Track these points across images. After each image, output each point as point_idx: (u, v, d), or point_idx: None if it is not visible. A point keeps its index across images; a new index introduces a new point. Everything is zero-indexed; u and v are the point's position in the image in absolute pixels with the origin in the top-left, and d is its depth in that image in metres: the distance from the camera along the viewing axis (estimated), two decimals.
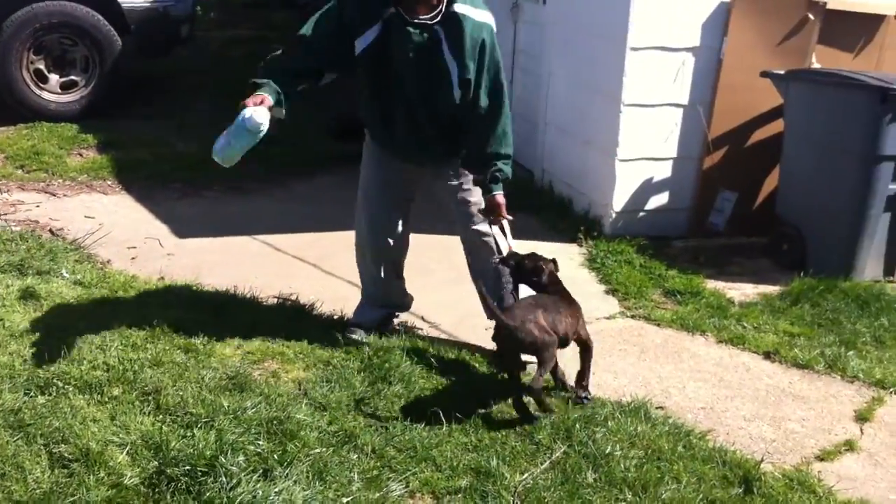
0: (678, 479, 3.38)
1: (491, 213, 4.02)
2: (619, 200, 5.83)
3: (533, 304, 3.79)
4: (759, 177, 5.98)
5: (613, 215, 5.84)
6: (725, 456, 3.57)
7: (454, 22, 3.75)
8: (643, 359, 4.44)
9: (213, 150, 3.88)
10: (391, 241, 4.26)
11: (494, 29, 3.86)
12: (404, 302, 4.51)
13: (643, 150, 5.81)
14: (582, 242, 5.76)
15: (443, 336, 4.48)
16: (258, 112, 3.72)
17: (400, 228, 4.28)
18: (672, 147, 5.86)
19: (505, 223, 4.06)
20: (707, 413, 4.00)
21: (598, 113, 5.95)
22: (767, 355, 4.55)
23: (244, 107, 3.76)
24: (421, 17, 3.76)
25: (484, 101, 3.87)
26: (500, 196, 3.99)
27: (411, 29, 3.77)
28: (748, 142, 5.91)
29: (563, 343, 3.78)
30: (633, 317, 4.88)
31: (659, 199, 5.92)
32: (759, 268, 5.61)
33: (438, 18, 3.75)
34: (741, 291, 5.28)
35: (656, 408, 3.91)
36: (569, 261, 5.58)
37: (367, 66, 3.87)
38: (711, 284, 5.30)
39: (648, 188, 5.88)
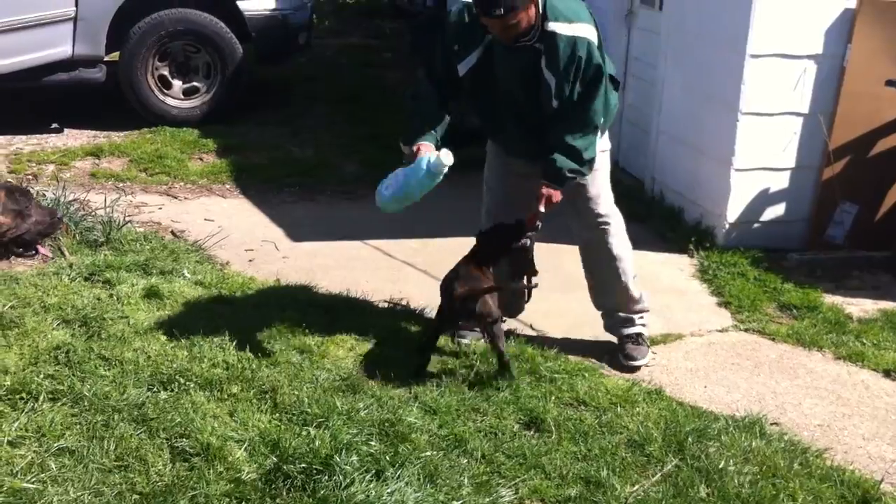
0: (794, 497, 3.30)
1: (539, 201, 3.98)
2: (734, 211, 5.72)
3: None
4: (882, 189, 5.78)
5: (727, 226, 5.73)
6: (843, 475, 3.48)
7: (549, 39, 3.80)
8: (757, 374, 4.35)
9: (381, 200, 4.05)
10: None
11: (592, 40, 3.83)
12: (514, 308, 4.50)
13: (760, 160, 5.68)
14: (693, 253, 5.66)
15: (551, 343, 4.46)
16: (443, 154, 3.85)
17: None
18: (790, 157, 5.72)
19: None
20: (824, 431, 3.90)
21: (713, 121, 5.85)
22: (888, 373, 4.40)
23: (415, 156, 3.96)
24: (520, 40, 3.83)
25: (573, 105, 3.89)
26: (549, 191, 3.95)
27: (511, 51, 3.86)
28: (871, 152, 5.72)
29: None
30: (746, 330, 4.78)
31: (775, 211, 5.79)
32: (879, 283, 5.42)
33: (536, 38, 3.82)
34: (860, 307, 5.11)
35: (771, 424, 3.83)
36: (679, 272, 5.51)
37: (470, 85, 4.01)
38: (829, 299, 5.15)
39: (764, 199, 5.75)
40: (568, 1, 3.90)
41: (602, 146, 4.15)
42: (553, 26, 3.79)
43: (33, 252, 3.30)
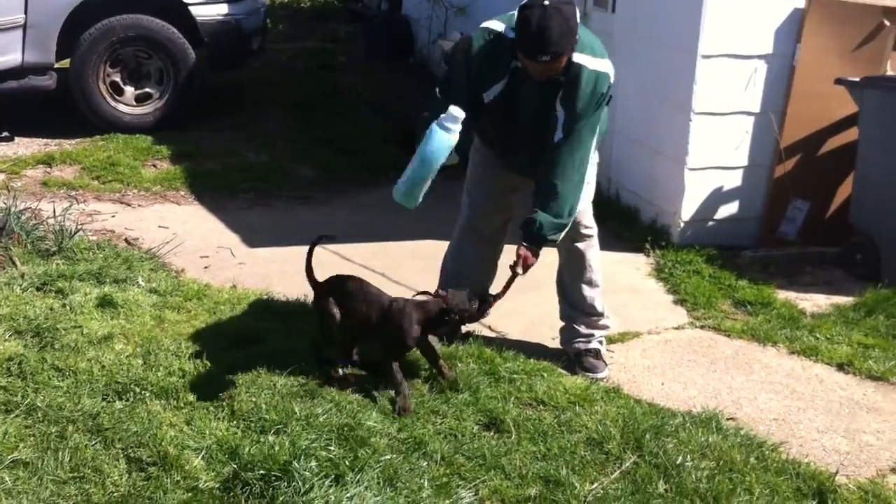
0: (751, 490, 3.34)
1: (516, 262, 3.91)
2: (688, 210, 5.78)
3: None
4: (833, 185, 5.88)
5: (682, 225, 5.79)
6: (799, 468, 3.53)
7: (574, 72, 3.69)
8: (713, 370, 4.39)
9: (399, 194, 3.92)
10: (490, 240, 4.41)
11: (612, 77, 3.79)
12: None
13: (713, 159, 5.75)
14: (649, 252, 5.71)
15: (510, 344, 4.47)
16: (454, 110, 3.73)
17: (497, 236, 4.41)
18: (743, 155, 5.79)
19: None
20: (779, 425, 3.94)
21: (667, 122, 5.91)
22: (841, 367, 4.47)
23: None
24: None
25: (566, 141, 3.80)
26: (525, 253, 3.88)
27: (534, 81, 3.75)
28: (821, 150, 5.81)
29: None
30: (702, 327, 4.83)
31: (729, 209, 5.85)
32: (831, 278, 5.51)
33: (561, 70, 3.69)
34: (813, 302, 5.19)
35: (727, 419, 3.87)
36: (635, 270, 5.55)
37: (492, 110, 3.92)
38: (783, 295, 5.22)
39: (718, 197, 5.82)
40: (589, 32, 3.82)
41: (593, 159, 4.08)
42: (579, 58, 3.68)
43: None
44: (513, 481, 3.33)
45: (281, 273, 5.15)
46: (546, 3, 3.55)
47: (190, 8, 7.69)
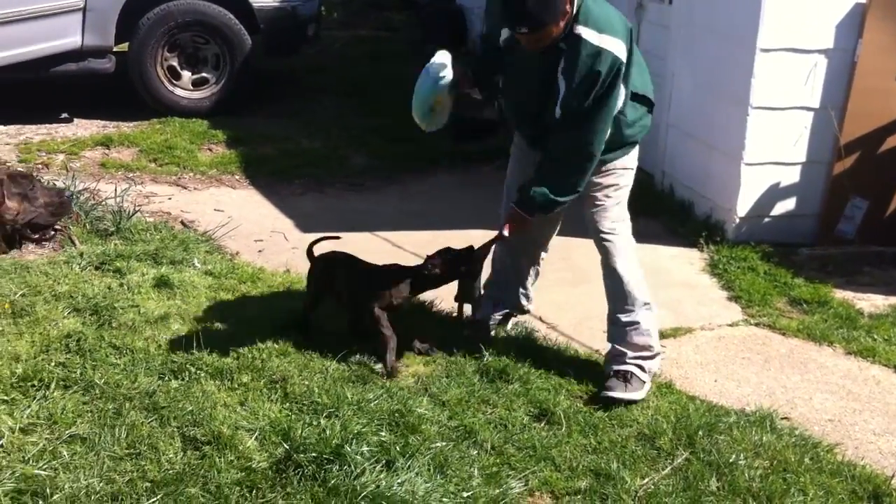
0: (804, 491, 3.30)
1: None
2: (744, 205, 5.70)
3: None
4: (892, 184, 5.76)
5: (737, 220, 5.72)
6: (854, 470, 3.47)
7: (574, 43, 3.54)
8: (767, 368, 4.34)
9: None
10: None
11: (618, 57, 3.54)
12: (523, 304, 4.44)
13: (770, 155, 5.67)
14: (703, 247, 5.65)
15: (561, 337, 4.46)
16: (439, 55, 3.89)
17: (534, 232, 4.13)
18: (801, 151, 5.70)
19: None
20: (835, 426, 3.89)
21: (723, 116, 5.83)
22: None
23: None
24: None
25: (575, 122, 3.65)
26: (515, 215, 3.84)
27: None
28: (882, 148, 5.69)
29: None
30: (756, 325, 4.77)
31: (785, 205, 5.77)
32: (890, 278, 5.40)
33: (561, 38, 3.57)
34: (871, 302, 5.10)
35: (782, 418, 3.82)
36: (689, 266, 5.50)
37: (505, 66, 3.90)
38: (840, 294, 5.13)
39: (774, 193, 5.74)
40: (606, 8, 3.64)
41: (628, 163, 3.93)
42: (581, 30, 3.52)
43: (51, 234, 3.28)
44: (563, 473, 3.33)
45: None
46: None
47: None
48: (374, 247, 5.56)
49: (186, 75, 7.83)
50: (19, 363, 3.66)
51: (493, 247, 4.17)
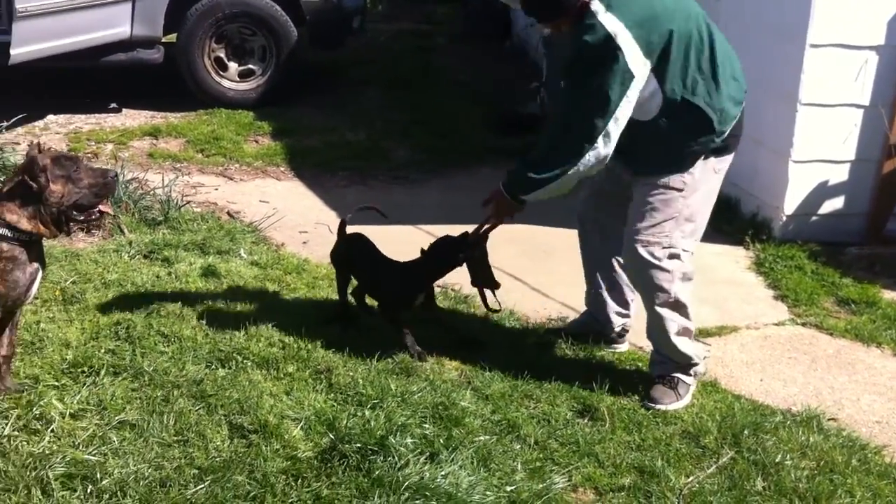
0: (852, 493, 3.26)
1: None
2: (791, 203, 5.64)
3: None
4: None
5: (784, 218, 5.65)
6: None
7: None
8: (814, 368, 4.29)
9: None
10: (595, 238, 4.05)
11: (612, 36, 3.31)
12: (607, 323, 4.17)
13: (819, 152, 5.59)
14: (749, 245, 5.60)
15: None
16: None
17: (604, 230, 3.99)
18: (850, 149, 5.62)
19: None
20: (882, 427, 3.84)
21: (771, 112, 5.76)
22: None
23: None
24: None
25: (561, 100, 3.59)
26: (496, 193, 3.75)
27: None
28: None
29: None
30: (803, 324, 4.72)
31: (833, 204, 5.70)
32: None
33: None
34: None
35: (829, 419, 3.78)
36: (734, 264, 5.45)
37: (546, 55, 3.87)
38: (888, 295, 5.05)
39: (823, 191, 5.67)
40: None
41: (676, 183, 3.56)
42: (594, 6, 3.36)
43: (96, 214, 3.34)
44: (606, 469, 3.32)
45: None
46: None
47: None
48: (418, 238, 5.56)
49: (233, 66, 7.90)
50: (69, 349, 3.73)
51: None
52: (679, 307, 3.68)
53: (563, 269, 4.04)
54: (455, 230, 5.62)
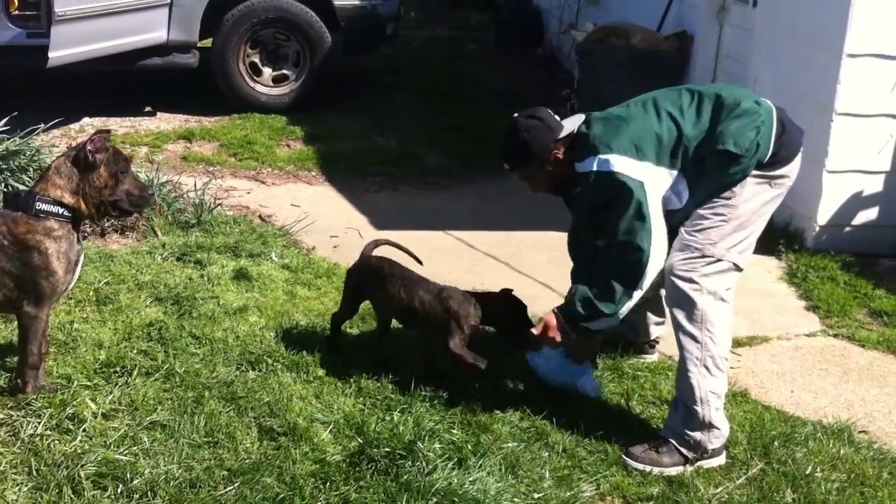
0: None
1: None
2: (825, 214, 5.59)
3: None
4: None
5: (817, 229, 5.61)
6: None
7: (580, 181, 3.55)
8: (846, 380, 4.25)
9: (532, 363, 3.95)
10: None
11: (609, 162, 3.41)
12: (641, 330, 4.14)
13: (854, 163, 5.54)
14: (781, 255, 5.55)
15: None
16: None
17: None
18: (885, 160, 5.57)
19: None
20: None
21: (806, 122, 5.62)
22: None
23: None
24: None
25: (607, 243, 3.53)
26: (551, 318, 3.56)
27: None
28: None
29: None
30: (835, 336, 4.67)
31: (868, 214, 5.64)
32: None
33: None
34: None
35: (860, 432, 3.74)
36: (766, 274, 5.41)
37: None
38: None
39: (857, 202, 5.62)
40: (604, 123, 3.52)
41: (730, 199, 3.48)
42: (577, 166, 3.51)
43: (128, 215, 3.46)
44: (634, 479, 3.31)
45: (407, 256, 5.20)
46: (514, 114, 3.67)
47: None
48: (449, 245, 5.60)
49: (267, 72, 7.96)
50: (102, 350, 3.77)
51: None
52: (706, 324, 3.43)
53: None
54: (487, 237, 5.66)
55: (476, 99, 8.72)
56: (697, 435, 3.39)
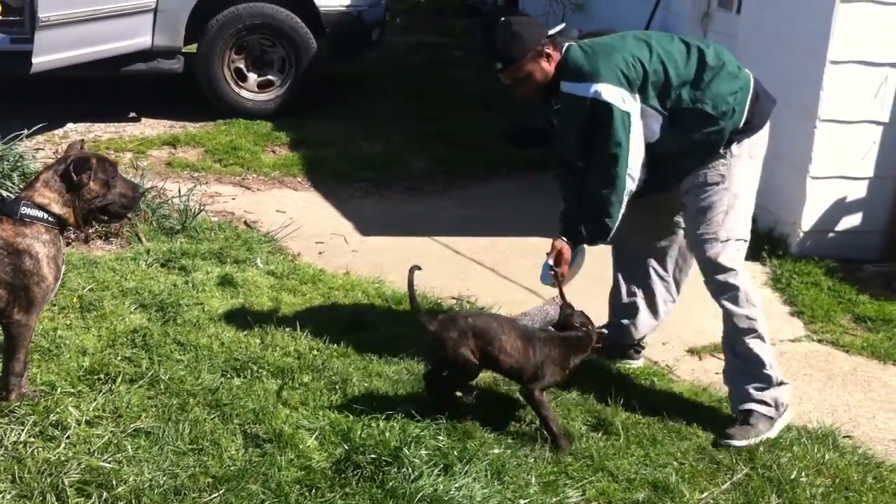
0: None
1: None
2: (809, 219, 5.62)
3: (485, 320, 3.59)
4: None
5: (801, 235, 5.63)
6: None
7: (561, 98, 3.73)
8: (830, 385, 4.27)
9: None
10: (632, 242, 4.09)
11: (599, 93, 3.57)
12: (633, 330, 4.20)
13: (837, 169, 5.58)
14: (766, 261, 5.58)
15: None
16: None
17: (636, 251, 4.12)
18: (869, 166, 5.60)
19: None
20: None
21: (790, 128, 5.73)
22: None
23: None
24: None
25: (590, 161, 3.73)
26: (558, 241, 3.82)
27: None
28: None
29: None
30: (819, 341, 4.70)
31: (851, 220, 5.67)
32: None
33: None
34: None
35: (844, 436, 3.76)
36: (751, 279, 5.42)
37: None
38: None
39: (840, 208, 5.65)
40: (596, 51, 3.67)
41: (714, 176, 3.72)
42: (563, 85, 3.68)
43: (116, 227, 3.47)
44: (620, 484, 3.31)
45: (393, 262, 5.21)
46: (503, 18, 3.72)
47: None
48: (434, 251, 5.60)
49: (252, 77, 7.93)
50: (86, 357, 3.76)
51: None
52: (750, 302, 3.73)
53: (579, 283, 4.04)
54: (472, 242, 5.67)
55: (462, 105, 8.72)
56: (774, 393, 3.69)
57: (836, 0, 5.29)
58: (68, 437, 3.22)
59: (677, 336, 4.53)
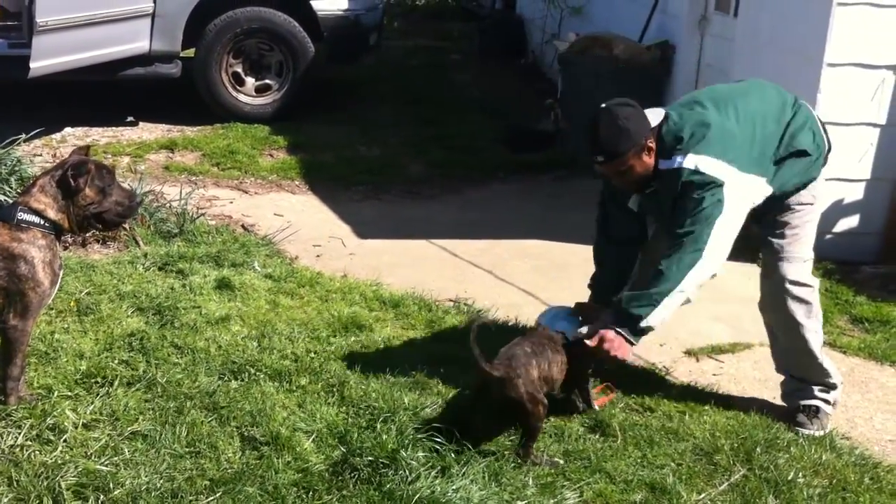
0: None
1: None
2: None
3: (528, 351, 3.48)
4: None
5: None
6: None
7: (661, 177, 3.61)
8: None
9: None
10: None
11: (703, 173, 3.49)
12: None
13: (834, 171, 5.49)
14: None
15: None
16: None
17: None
18: (866, 168, 5.61)
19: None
20: (895, 446, 3.83)
21: None
22: None
23: None
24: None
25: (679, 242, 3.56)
26: (607, 332, 3.53)
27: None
28: None
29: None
30: None
31: (848, 222, 5.68)
32: None
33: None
34: None
35: (841, 437, 3.76)
36: (748, 280, 5.40)
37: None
38: None
39: (837, 210, 5.65)
40: (688, 119, 3.58)
41: (809, 198, 3.78)
42: (661, 164, 3.56)
43: (114, 227, 3.47)
44: (617, 486, 3.31)
45: (390, 265, 5.23)
46: (603, 105, 3.57)
47: (311, 2, 7.87)
48: (431, 253, 5.60)
49: (250, 81, 7.95)
50: (83, 360, 3.75)
51: None
52: (818, 316, 3.84)
53: (576, 286, 4.04)
54: (470, 245, 5.67)
55: (459, 108, 8.74)
56: (836, 395, 3.90)
57: (832, 3, 5.30)
58: (65, 441, 3.21)
59: (674, 338, 4.53)
